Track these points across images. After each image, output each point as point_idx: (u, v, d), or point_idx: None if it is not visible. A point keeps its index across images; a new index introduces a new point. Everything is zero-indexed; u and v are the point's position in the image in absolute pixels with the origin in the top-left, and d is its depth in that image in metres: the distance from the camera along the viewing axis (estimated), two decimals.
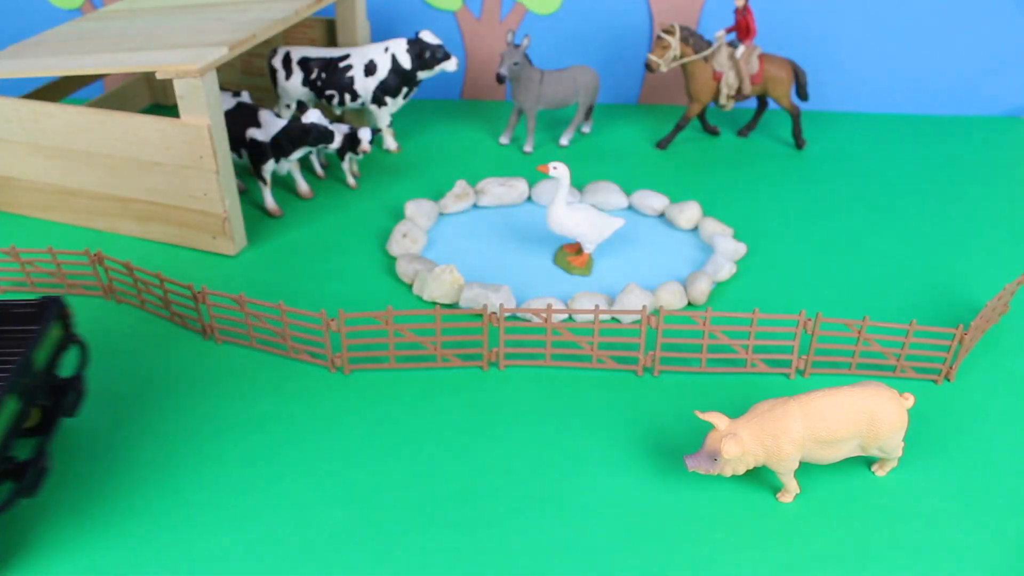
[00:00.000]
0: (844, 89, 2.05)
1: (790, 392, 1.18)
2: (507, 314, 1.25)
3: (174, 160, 1.36)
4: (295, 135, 1.49)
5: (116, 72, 1.37)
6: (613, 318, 1.30)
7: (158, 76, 1.29)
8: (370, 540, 0.95)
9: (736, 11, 1.74)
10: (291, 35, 1.89)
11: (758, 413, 0.97)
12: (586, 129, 1.92)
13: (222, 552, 0.93)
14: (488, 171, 1.75)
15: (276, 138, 1.50)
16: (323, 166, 1.74)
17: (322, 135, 1.50)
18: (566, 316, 1.31)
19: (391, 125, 1.86)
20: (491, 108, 2.06)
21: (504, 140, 1.86)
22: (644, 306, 1.16)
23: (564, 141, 1.86)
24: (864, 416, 0.95)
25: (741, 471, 0.97)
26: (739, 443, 0.93)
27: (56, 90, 1.72)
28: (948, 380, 1.20)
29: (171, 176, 1.39)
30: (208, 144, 1.32)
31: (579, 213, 1.37)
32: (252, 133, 1.51)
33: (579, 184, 1.66)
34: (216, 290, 1.25)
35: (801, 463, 1.01)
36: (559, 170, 1.35)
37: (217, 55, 1.32)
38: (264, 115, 1.52)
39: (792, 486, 1.00)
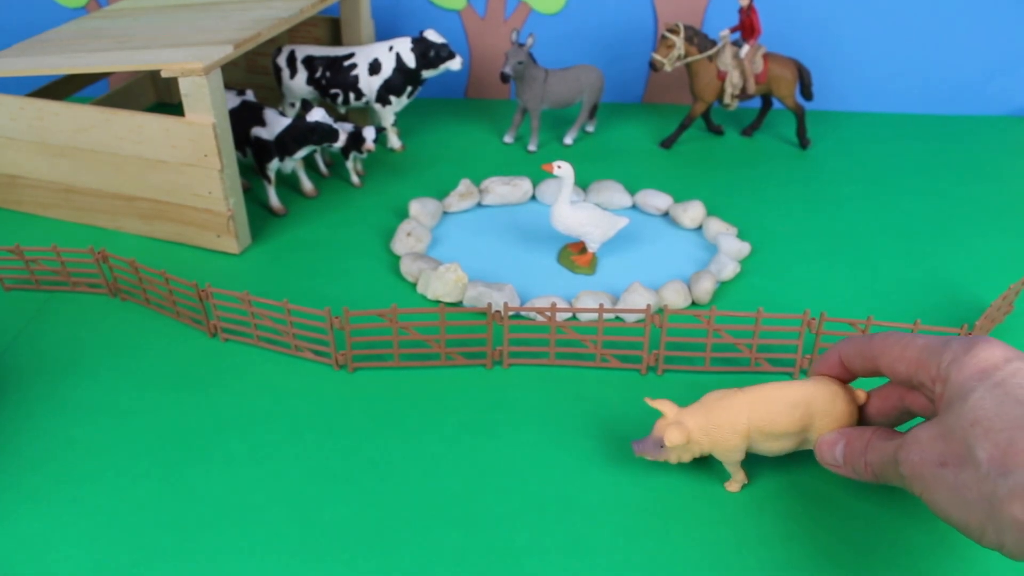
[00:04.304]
0: (848, 88, 2.05)
1: None
2: (511, 313, 1.25)
3: (178, 158, 1.36)
4: (299, 134, 1.50)
5: (121, 70, 1.37)
6: (617, 317, 1.30)
7: (163, 74, 1.29)
8: (373, 538, 0.95)
9: (740, 10, 1.74)
10: (295, 34, 1.89)
11: (707, 403, 0.97)
12: (590, 128, 1.92)
13: (225, 548, 0.93)
14: (492, 170, 1.75)
15: (280, 137, 1.50)
16: (327, 165, 1.74)
17: (326, 134, 1.50)
18: (570, 315, 1.30)
19: (395, 124, 1.86)
20: (495, 107, 2.06)
21: (508, 139, 1.86)
22: (648, 305, 1.16)
23: (568, 140, 1.86)
24: (809, 410, 0.95)
25: (687, 459, 0.98)
26: (683, 431, 0.94)
27: (61, 88, 1.73)
28: None
29: (175, 174, 1.39)
30: (212, 142, 1.32)
31: (583, 212, 1.37)
32: (257, 132, 1.51)
33: (583, 183, 1.66)
34: (220, 288, 1.25)
35: (750, 454, 1.01)
36: (563, 169, 1.35)
37: (222, 54, 1.32)
38: (268, 114, 1.52)
39: (739, 476, 1.00)
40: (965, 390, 0.77)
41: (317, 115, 1.50)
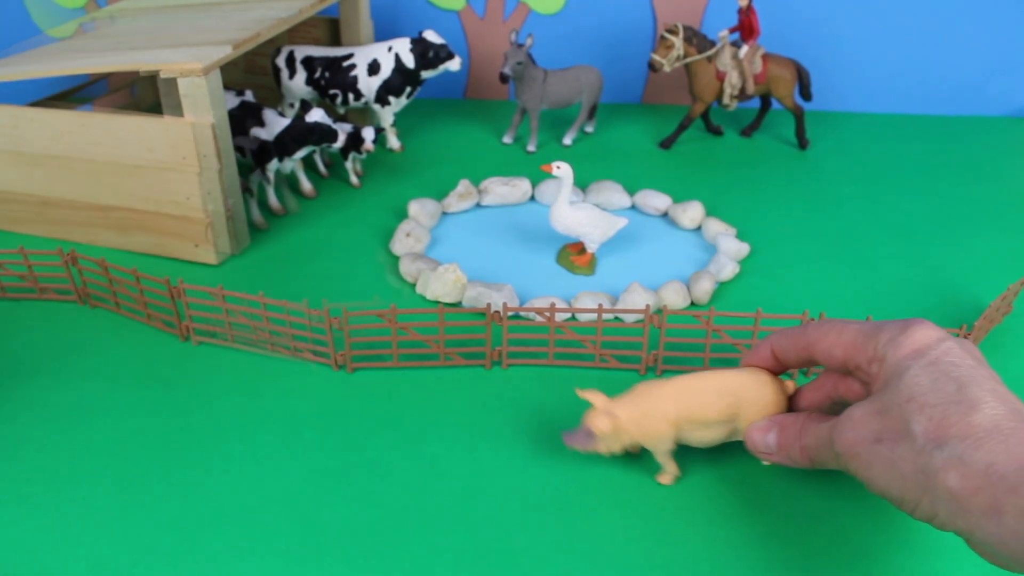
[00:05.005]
0: (848, 89, 2.05)
1: None
2: (510, 313, 1.25)
3: (159, 162, 1.33)
4: (299, 134, 1.50)
5: (121, 70, 1.37)
6: (616, 317, 1.30)
7: (162, 75, 1.29)
8: (372, 539, 0.95)
9: (740, 11, 1.74)
10: (295, 34, 1.90)
11: (637, 393, 0.98)
12: (589, 129, 1.92)
13: (225, 549, 0.93)
14: (491, 170, 1.75)
15: (280, 137, 1.50)
16: (327, 165, 1.74)
17: (325, 134, 1.50)
18: (569, 315, 1.31)
19: (395, 124, 1.86)
20: (494, 107, 2.06)
21: (507, 139, 1.86)
22: (647, 305, 1.16)
23: (567, 140, 1.86)
24: (738, 399, 0.96)
25: (617, 449, 0.99)
26: (609, 419, 0.95)
27: (64, 93, 1.72)
28: None
29: (168, 176, 1.38)
30: (212, 143, 1.31)
31: (582, 212, 1.37)
32: (256, 132, 1.51)
33: (582, 183, 1.66)
34: (223, 288, 1.25)
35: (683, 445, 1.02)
36: (562, 169, 1.35)
37: (221, 54, 1.32)
38: (268, 114, 1.52)
39: (670, 467, 1.01)
40: (901, 368, 0.79)
41: (316, 115, 1.50)
